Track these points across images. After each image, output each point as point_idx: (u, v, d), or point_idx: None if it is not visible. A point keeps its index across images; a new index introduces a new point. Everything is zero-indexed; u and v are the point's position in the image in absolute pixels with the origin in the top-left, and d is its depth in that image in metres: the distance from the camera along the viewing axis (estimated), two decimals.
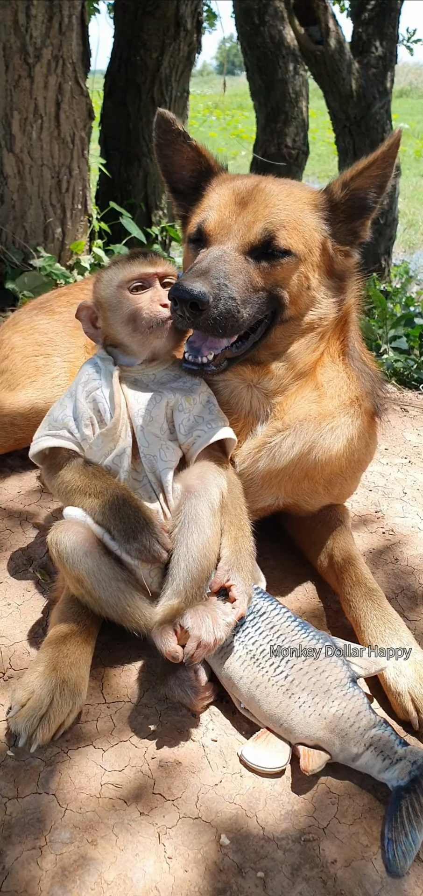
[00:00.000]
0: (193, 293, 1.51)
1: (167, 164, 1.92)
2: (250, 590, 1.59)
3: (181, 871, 1.22)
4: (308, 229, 1.75)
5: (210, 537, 1.55)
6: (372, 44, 7.09)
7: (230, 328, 1.60)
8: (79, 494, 1.62)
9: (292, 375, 1.81)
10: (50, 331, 2.46)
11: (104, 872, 1.21)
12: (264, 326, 1.73)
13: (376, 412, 1.96)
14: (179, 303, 1.54)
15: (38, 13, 3.82)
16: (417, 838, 1.28)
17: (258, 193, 1.74)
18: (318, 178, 14.51)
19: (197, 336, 1.65)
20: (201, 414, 1.71)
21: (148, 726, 1.50)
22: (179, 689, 1.52)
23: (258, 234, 1.68)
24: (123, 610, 1.57)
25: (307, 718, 1.42)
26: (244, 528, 1.67)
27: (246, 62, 7.81)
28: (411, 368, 3.85)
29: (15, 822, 1.28)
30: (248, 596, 1.57)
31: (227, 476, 1.69)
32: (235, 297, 1.59)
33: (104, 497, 1.59)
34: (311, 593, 1.99)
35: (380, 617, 1.71)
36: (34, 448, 1.69)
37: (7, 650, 1.69)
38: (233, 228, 1.69)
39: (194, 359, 1.63)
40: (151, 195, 5.61)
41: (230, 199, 1.75)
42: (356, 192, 1.77)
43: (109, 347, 1.76)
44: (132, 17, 5.31)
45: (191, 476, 1.62)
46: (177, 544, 1.55)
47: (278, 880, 1.22)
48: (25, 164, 4.05)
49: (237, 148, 15.36)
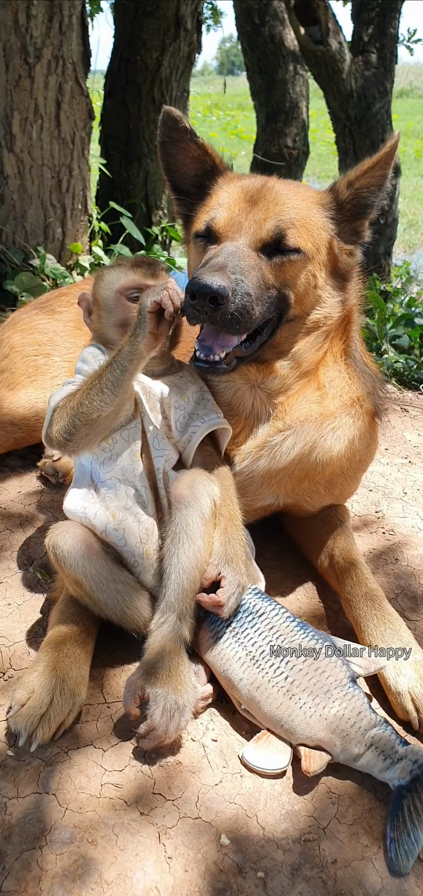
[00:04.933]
0: (213, 287, 1.50)
1: (171, 163, 1.92)
2: (243, 580, 1.58)
3: (181, 871, 1.22)
4: (316, 228, 1.75)
5: (202, 548, 1.56)
6: (372, 44, 7.09)
7: (244, 324, 1.59)
8: (79, 396, 1.57)
9: (296, 375, 1.81)
10: (50, 330, 2.46)
11: (104, 872, 1.21)
12: (271, 327, 1.73)
13: (376, 413, 1.96)
14: (198, 297, 1.53)
15: (38, 13, 3.82)
16: (419, 837, 1.28)
17: (268, 192, 1.74)
18: (318, 178, 14.52)
19: (208, 334, 1.64)
20: (196, 411, 1.72)
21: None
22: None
23: (270, 231, 1.68)
24: (121, 611, 1.58)
25: (308, 719, 1.42)
26: (235, 518, 1.67)
27: (246, 62, 7.82)
28: (411, 368, 3.86)
29: (15, 822, 1.28)
30: (241, 588, 1.57)
31: (218, 472, 1.70)
32: (250, 293, 1.58)
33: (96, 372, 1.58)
34: (311, 593, 1.99)
35: (380, 617, 1.71)
36: (47, 419, 1.64)
37: (7, 650, 1.69)
38: (244, 226, 1.69)
39: (206, 357, 1.63)
40: (151, 195, 5.61)
41: (240, 197, 1.75)
42: (359, 191, 1.78)
43: (97, 343, 1.77)
44: (132, 17, 5.31)
45: (181, 486, 1.62)
46: (168, 555, 1.55)
47: (278, 880, 1.22)
48: (26, 164, 4.04)
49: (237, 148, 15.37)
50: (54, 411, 1.61)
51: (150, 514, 1.65)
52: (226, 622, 1.56)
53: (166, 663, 1.45)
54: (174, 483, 1.65)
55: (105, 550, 1.61)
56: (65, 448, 1.60)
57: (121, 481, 1.64)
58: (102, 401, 1.54)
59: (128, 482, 1.64)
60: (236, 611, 1.57)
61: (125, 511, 1.63)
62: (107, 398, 1.54)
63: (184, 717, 1.42)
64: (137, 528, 1.62)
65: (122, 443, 1.65)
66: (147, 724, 1.40)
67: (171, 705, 1.40)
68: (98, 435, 1.60)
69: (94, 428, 1.57)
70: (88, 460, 1.67)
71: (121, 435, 1.65)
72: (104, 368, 1.56)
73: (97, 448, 1.64)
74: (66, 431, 1.57)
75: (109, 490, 1.63)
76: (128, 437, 1.66)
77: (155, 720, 1.39)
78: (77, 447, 1.59)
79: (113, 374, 1.54)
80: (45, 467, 2.40)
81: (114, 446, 1.65)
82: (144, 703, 1.42)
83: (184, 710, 1.42)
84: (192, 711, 1.46)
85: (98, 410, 1.54)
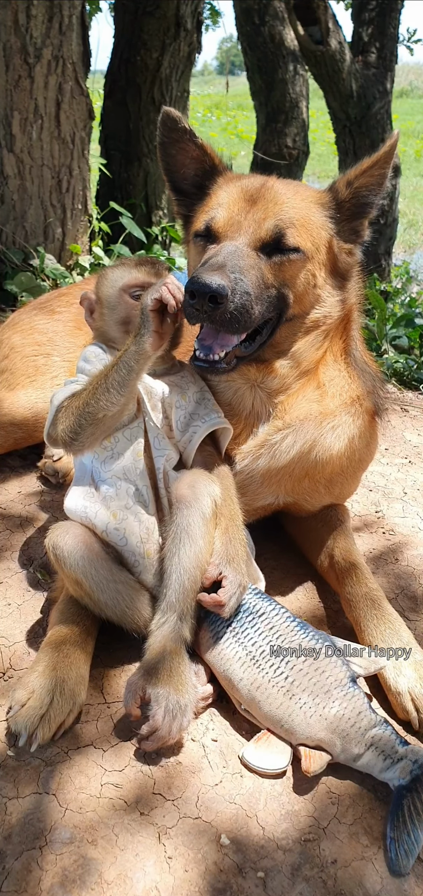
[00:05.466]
0: (212, 287, 1.51)
1: (170, 163, 1.92)
2: (244, 580, 1.58)
3: (181, 871, 1.22)
4: (316, 227, 1.75)
5: (202, 548, 1.56)
6: (372, 44, 7.09)
7: (244, 323, 1.60)
8: (85, 396, 1.58)
9: (296, 374, 1.81)
10: (50, 331, 2.47)
11: (104, 872, 1.21)
12: (271, 326, 1.73)
13: (376, 412, 1.96)
14: (197, 296, 1.53)
15: (38, 13, 3.82)
16: (419, 837, 1.28)
17: (267, 192, 1.75)
18: (318, 178, 14.51)
19: (208, 333, 1.64)
20: (196, 411, 1.73)
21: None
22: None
23: (269, 230, 1.68)
24: (122, 612, 1.58)
25: (308, 719, 1.42)
26: (235, 518, 1.67)
27: (246, 62, 7.81)
28: (411, 368, 3.86)
29: (15, 822, 1.28)
30: (242, 588, 1.57)
31: (218, 472, 1.70)
32: (249, 292, 1.58)
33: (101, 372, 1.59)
34: (311, 593, 1.99)
35: (380, 617, 1.71)
36: (49, 418, 1.65)
37: (7, 650, 1.69)
38: (243, 225, 1.69)
39: (206, 356, 1.63)
40: (151, 195, 5.61)
41: (239, 197, 1.75)
42: (358, 190, 1.78)
43: (99, 343, 1.77)
44: (132, 17, 5.31)
45: (182, 485, 1.62)
46: (169, 555, 1.55)
47: (278, 880, 1.22)
48: (26, 164, 4.05)
49: (237, 148, 15.37)
50: (58, 410, 1.61)
51: (150, 514, 1.65)
52: (226, 622, 1.56)
53: (167, 663, 1.45)
54: (175, 483, 1.65)
55: (105, 550, 1.61)
56: (70, 447, 1.61)
57: (122, 480, 1.64)
58: (108, 400, 1.54)
59: (129, 481, 1.64)
60: (236, 611, 1.57)
61: (126, 510, 1.63)
62: (113, 398, 1.54)
63: (186, 718, 1.41)
64: (137, 528, 1.63)
65: (124, 441, 1.65)
66: (150, 725, 1.39)
67: (173, 706, 1.40)
68: (103, 434, 1.61)
69: (99, 427, 1.58)
70: (88, 459, 1.67)
71: (123, 434, 1.65)
72: (110, 368, 1.56)
73: (99, 447, 1.65)
74: (71, 431, 1.57)
75: (110, 489, 1.63)
76: (130, 436, 1.66)
77: (158, 721, 1.38)
78: (82, 446, 1.60)
79: (119, 374, 1.54)
80: (46, 467, 2.40)
81: (116, 445, 1.65)
82: (145, 704, 1.42)
83: (186, 711, 1.42)
84: (193, 712, 1.46)
85: (104, 410, 1.55)
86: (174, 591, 1.52)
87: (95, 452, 1.65)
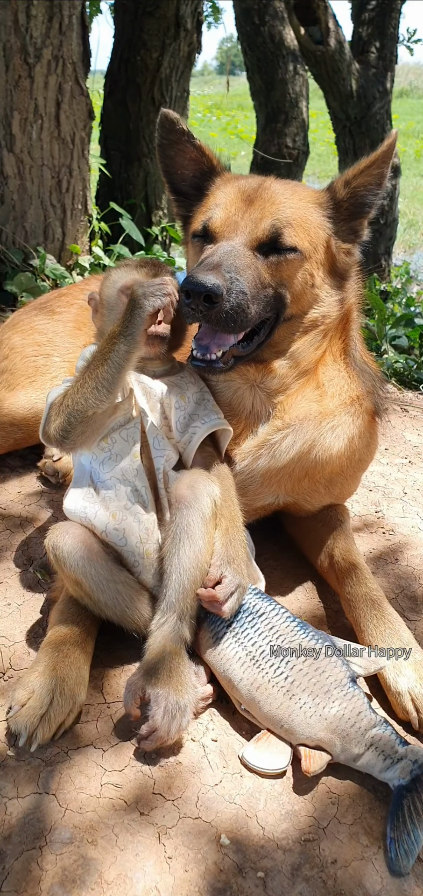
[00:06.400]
0: (207, 286, 1.51)
1: (169, 165, 1.92)
2: (244, 581, 1.58)
3: (181, 871, 1.22)
4: (313, 227, 1.75)
5: (202, 548, 1.56)
6: (372, 44, 7.09)
7: (240, 323, 1.60)
8: (73, 393, 1.58)
9: (295, 374, 1.81)
10: (49, 331, 2.46)
11: (104, 872, 1.21)
12: (268, 327, 1.73)
13: (376, 412, 1.96)
14: (192, 296, 1.54)
15: (38, 13, 3.82)
16: (419, 837, 1.28)
17: (264, 191, 1.75)
18: (318, 178, 14.51)
19: (205, 333, 1.65)
20: (196, 411, 1.73)
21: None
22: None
23: (266, 230, 1.68)
24: (122, 612, 1.58)
25: (308, 719, 1.42)
26: (236, 519, 1.67)
27: (246, 62, 7.81)
28: (411, 368, 3.86)
29: (15, 822, 1.28)
30: (242, 589, 1.57)
31: (218, 473, 1.70)
32: (245, 292, 1.59)
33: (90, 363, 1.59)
34: (311, 593, 1.99)
35: (380, 617, 1.71)
36: (44, 418, 1.65)
37: (7, 650, 1.69)
38: (240, 225, 1.69)
39: (203, 356, 1.63)
40: (151, 195, 5.61)
41: (236, 197, 1.75)
42: (357, 190, 1.78)
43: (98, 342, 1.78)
44: (132, 17, 5.31)
45: (182, 486, 1.62)
46: (169, 555, 1.55)
47: (278, 880, 1.22)
48: (25, 164, 4.04)
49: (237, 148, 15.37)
50: (51, 408, 1.61)
51: (150, 514, 1.65)
52: (226, 622, 1.56)
53: (167, 664, 1.45)
54: (175, 483, 1.65)
55: (105, 551, 1.61)
56: (62, 445, 1.60)
57: (120, 481, 1.64)
58: (96, 398, 1.55)
59: (127, 482, 1.64)
60: (236, 611, 1.57)
61: (125, 511, 1.63)
62: (102, 395, 1.55)
63: (185, 718, 1.42)
64: (137, 528, 1.63)
65: (121, 443, 1.65)
66: (149, 725, 1.39)
67: (172, 706, 1.40)
68: (94, 432, 1.60)
69: (90, 425, 1.57)
70: (87, 460, 1.67)
71: (120, 435, 1.65)
72: (98, 364, 1.56)
73: (96, 448, 1.65)
74: (62, 429, 1.57)
75: (109, 490, 1.63)
76: (127, 437, 1.66)
77: (157, 721, 1.39)
78: (74, 444, 1.60)
79: (109, 372, 1.55)
80: (45, 467, 2.40)
81: (113, 446, 1.65)
82: (145, 704, 1.42)
83: (185, 711, 1.42)
84: (192, 712, 1.46)
85: (94, 408, 1.55)
86: (174, 591, 1.52)
87: (93, 453, 1.65)
